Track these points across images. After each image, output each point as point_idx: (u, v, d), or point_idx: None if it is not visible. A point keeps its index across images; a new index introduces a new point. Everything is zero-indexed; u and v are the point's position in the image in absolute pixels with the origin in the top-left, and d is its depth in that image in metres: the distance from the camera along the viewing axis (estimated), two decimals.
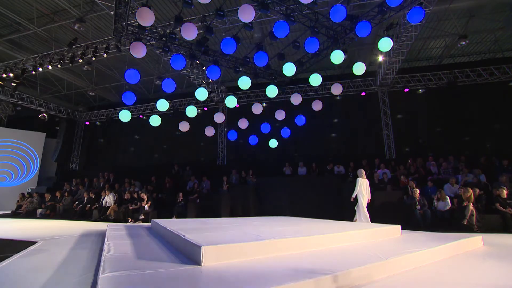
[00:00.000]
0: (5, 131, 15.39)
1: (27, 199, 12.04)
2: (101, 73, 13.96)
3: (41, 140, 16.15)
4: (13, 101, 14.42)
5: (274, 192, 10.03)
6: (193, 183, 11.24)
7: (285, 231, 4.64)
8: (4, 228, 7.43)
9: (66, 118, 16.80)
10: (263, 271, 2.86)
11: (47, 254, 4.27)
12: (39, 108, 15.20)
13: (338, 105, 13.15)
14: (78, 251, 4.53)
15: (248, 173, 11.32)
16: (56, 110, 16.12)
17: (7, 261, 3.76)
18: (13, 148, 15.27)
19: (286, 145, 11.70)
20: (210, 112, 13.73)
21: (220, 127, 14.28)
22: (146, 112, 15.61)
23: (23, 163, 15.48)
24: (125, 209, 9.92)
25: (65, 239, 5.66)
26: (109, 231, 5.64)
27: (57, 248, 4.71)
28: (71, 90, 15.25)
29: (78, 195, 12.28)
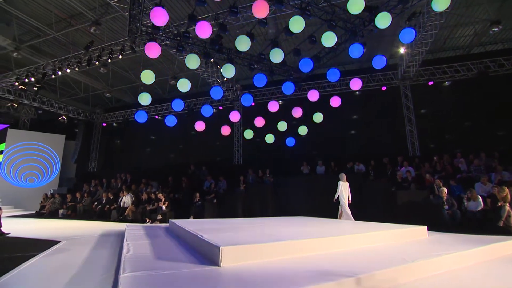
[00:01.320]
0: (28, 134, 16.21)
1: (50, 199, 12.64)
2: (116, 75, 14.39)
3: (61, 142, 16.86)
4: (35, 105, 15.16)
5: (292, 192, 9.98)
6: (210, 183, 11.38)
7: (305, 232, 4.63)
8: (30, 228, 7.94)
9: (84, 120, 17.45)
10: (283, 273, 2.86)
11: (70, 253, 4.55)
12: (59, 111, 15.88)
13: (358, 101, 12.88)
14: (99, 250, 4.77)
15: (265, 172, 11.31)
16: (75, 113, 16.79)
17: (33, 259, 4.02)
18: (37, 150, 16.04)
19: (304, 143, 11.59)
20: (225, 111, 13.81)
21: (236, 126, 14.36)
22: (162, 112, 15.93)
23: (46, 164, 16.23)
24: (142, 209, 10.17)
25: (86, 239, 6.01)
26: (128, 231, 5.85)
27: (79, 247, 4.99)
28: (88, 92, 15.82)
29: (97, 195, 12.73)
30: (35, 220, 10.60)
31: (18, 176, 15.40)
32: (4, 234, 5.36)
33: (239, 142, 14.36)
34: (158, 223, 9.34)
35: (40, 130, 16.67)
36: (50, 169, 16.27)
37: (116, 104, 17.79)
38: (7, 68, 12.85)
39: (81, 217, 11.36)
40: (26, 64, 12.36)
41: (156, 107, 16.07)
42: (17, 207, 14.23)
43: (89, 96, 16.43)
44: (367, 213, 8.08)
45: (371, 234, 4.33)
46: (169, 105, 15.31)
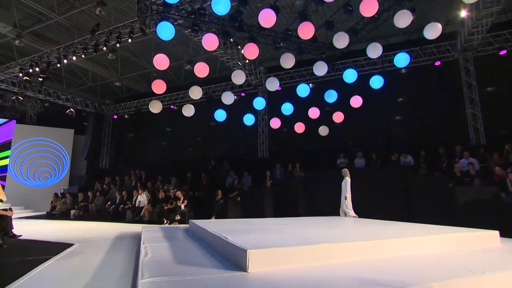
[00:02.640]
0: (35, 129, 17.16)
1: (60, 199, 13.46)
2: (126, 61, 14.79)
3: (70, 137, 17.72)
4: (41, 97, 16.02)
5: (327, 189, 9.80)
6: (233, 179, 11.53)
7: (342, 234, 4.59)
8: (42, 230, 8.50)
9: (93, 112, 18.22)
10: (319, 281, 2.84)
11: (84, 257, 4.83)
12: (66, 103, 16.68)
13: (405, 80, 12.34)
14: (114, 254, 5.03)
15: (295, 166, 11.28)
16: (83, 104, 17.55)
17: (47, 263, 4.32)
18: (45, 146, 17.00)
19: (340, 132, 11.36)
20: (248, 97, 13.89)
21: (260, 114, 14.37)
22: (178, 102, 16.25)
23: (57, 161, 17.18)
24: (159, 209, 10.54)
25: (100, 241, 6.38)
26: (145, 233, 6.11)
27: (94, 250, 5.30)
28: (96, 81, 16.44)
29: (110, 194, 13.35)
30: (46, 221, 11.38)
31: (30, 175, 16.47)
32: (15, 237, 5.76)
33: (264, 132, 14.36)
34: (177, 224, 9.66)
35: (47, 124, 17.60)
36: (60, 166, 17.21)
37: (127, 93, 18.36)
38: (9, 58, 13.61)
39: (93, 218, 12.01)
40: (30, 53, 12.99)
41: (171, 95, 16.40)
42: (28, 208, 15.25)
43: (98, 86, 17.07)
44: (413, 213, 7.83)
45: (427, 238, 4.15)
46: (185, 93, 15.54)
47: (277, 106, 10.01)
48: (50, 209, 13.45)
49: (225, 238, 3.91)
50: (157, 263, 3.61)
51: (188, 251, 4.47)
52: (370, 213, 7.91)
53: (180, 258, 3.92)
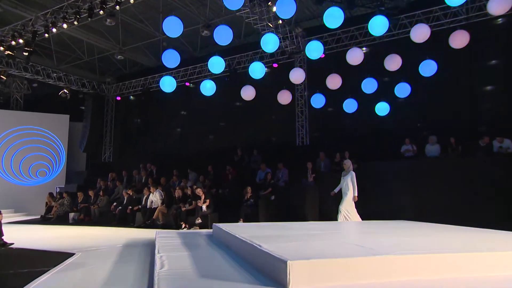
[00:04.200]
0: (23, 116, 17.82)
1: (57, 200, 14.00)
2: (129, 28, 15.02)
3: (65, 125, 18.36)
4: (27, 76, 16.59)
5: (387, 184, 9.79)
6: (265, 173, 11.57)
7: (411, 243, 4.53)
8: (36, 237, 8.87)
9: (91, 93, 18.78)
10: None
11: (87, 269, 5.02)
12: (58, 82, 17.21)
13: (497, 36, 11.56)
14: (123, 265, 5.19)
15: (344, 155, 11.07)
16: (79, 84, 18.07)
17: (44, 276, 4.49)
18: (35, 135, 17.71)
19: (404, 110, 10.95)
20: (282, 69, 13.66)
21: (298, 90, 14.18)
22: (194, 77, 16.38)
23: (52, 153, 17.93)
24: (176, 210, 10.76)
25: (106, 250, 6.56)
26: (160, 240, 6.23)
27: (98, 261, 5.48)
28: (93, 55, 16.85)
29: (115, 194, 13.78)
30: (41, 226, 11.88)
31: (23, 171, 17.33)
32: (6, 245, 6.07)
33: (304, 113, 14.19)
34: (198, 228, 9.83)
35: (37, 109, 18.28)
36: (54, 161, 17.98)
37: (132, 69, 18.72)
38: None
39: (97, 222, 12.46)
40: (11, 21, 13.25)
41: (185, 70, 16.54)
42: (18, 211, 16.00)
43: (96, 61, 17.50)
44: None
45: None
46: (203, 66, 15.60)
47: (320, 79, 9.85)
48: (45, 212, 14.05)
49: (258, 246, 3.93)
50: (176, 276, 3.67)
51: (212, 262, 4.53)
52: (448, 214, 7.66)
53: (204, 270, 3.99)
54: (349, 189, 8.44)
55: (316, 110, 10.57)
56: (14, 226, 11.42)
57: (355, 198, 8.39)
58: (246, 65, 14.39)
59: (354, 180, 8.46)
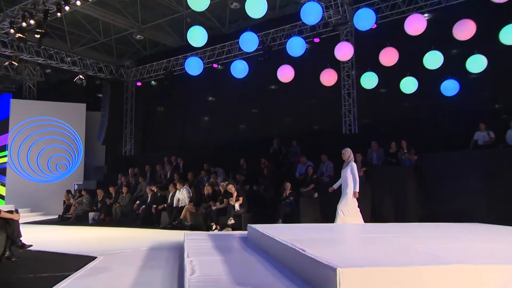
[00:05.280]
0: (36, 106, 18.58)
1: (76, 199, 14.52)
2: (148, 3, 15.16)
3: (82, 115, 18.96)
4: (40, 61, 17.19)
5: (454, 180, 9.44)
6: (306, 166, 11.50)
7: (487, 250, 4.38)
8: (55, 239, 9.28)
9: (109, 79, 19.21)
10: None
11: (111, 274, 5.21)
12: (73, 67, 17.71)
13: None
14: (149, 271, 5.32)
15: (401, 146, 10.90)
16: (95, 68, 18.53)
17: (66, 281, 4.63)
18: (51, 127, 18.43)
19: (478, 88, 10.46)
20: (326, 44, 13.44)
21: (345, 68, 13.92)
22: (222, 58, 16.38)
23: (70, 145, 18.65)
24: (205, 209, 10.86)
25: (130, 254, 6.78)
26: (188, 243, 6.34)
27: (122, 266, 5.69)
28: (110, 35, 17.23)
29: (138, 191, 14.09)
30: (60, 227, 12.45)
31: (41, 165, 18.15)
32: (25, 247, 6.27)
33: (351, 96, 13.93)
34: (230, 230, 9.89)
35: (51, 98, 18.94)
36: (72, 154, 18.64)
37: (153, 50, 18.98)
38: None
39: (118, 222, 12.82)
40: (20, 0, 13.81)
41: (213, 49, 16.57)
42: (35, 211, 16.77)
43: (113, 42, 17.89)
44: None
45: None
46: (233, 44, 15.61)
47: (371, 54, 9.58)
48: (63, 212, 14.62)
49: (301, 251, 3.90)
50: (208, 283, 3.71)
51: (248, 267, 4.59)
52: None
53: (239, 276, 4.02)
54: (349, 184, 8.18)
55: (367, 91, 10.28)
56: (31, 226, 11.92)
57: (355, 194, 8.08)
58: (282, 41, 14.23)
59: (355, 172, 8.20)
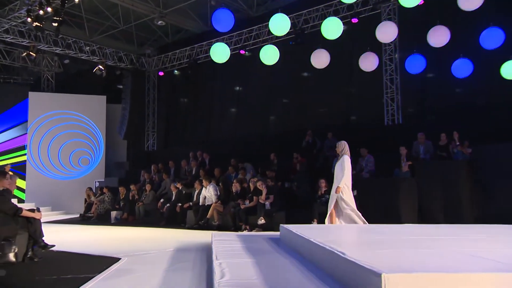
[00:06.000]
0: (55, 98, 19.02)
1: (98, 196, 14.81)
2: None
3: (102, 107, 19.33)
4: (58, 51, 17.61)
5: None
6: None
7: None
8: (78, 239, 9.56)
9: (130, 69, 19.47)
10: None
11: (136, 276, 5.32)
12: (92, 57, 18.03)
13: None
14: (176, 273, 5.42)
15: (453, 138, 10.61)
16: (115, 58, 18.81)
17: (89, 284, 4.75)
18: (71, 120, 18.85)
19: None
20: (365, 24, 13.22)
21: (387, 52, 13.64)
22: (250, 43, 16.32)
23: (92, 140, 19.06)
24: (234, 208, 10.85)
25: (155, 255, 6.91)
26: (217, 244, 6.35)
27: (147, 268, 5.80)
28: (130, 22, 17.36)
29: (162, 188, 14.20)
30: (81, 227, 12.86)
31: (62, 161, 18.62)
32: (47, 247, 6.45)
33: (394, 83, 13.66)
34: (261, 230, 9.87)
35: (69, 90, 19.33)
36: (94, 148, 19.03)
37: (176, 37, 19.07)
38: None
39: (142, 222, 13.05)
40: None
41: (239, 34, 16.52)
42: (55, 209, 17.22)
43: (133, 29, 18.04)
44: None
45: None
46: (262, 28, 15.50)
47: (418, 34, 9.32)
48: (85, 210, 14.95)
49: (340, 254, 3.81)
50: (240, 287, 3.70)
51: (282, 271, 4.57)
52: None
53: (273, 281, 4.01)
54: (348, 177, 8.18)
55: (412, 77, 10.02)
56: (52, 226, 12.25)
57: (338, 189, 7.98)
58: (316, 22, 14.00)
59: (345, 166, 8.08)
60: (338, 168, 8.24)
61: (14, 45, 17.74)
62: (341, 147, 8.41)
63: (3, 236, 5.46)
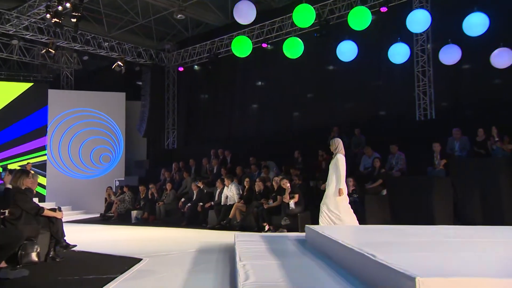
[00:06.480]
0: (75, 96, 19.39)
1: (118, 195, 15.02)
2: None
3: (121, 105, 19.56)
4: (77, 47, 17.93)
5: None
6: (372, 159, 11.31)
7: None
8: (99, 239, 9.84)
9: (149, 64, 19.65)
10: None
11: (158, 277, 5.42)
12: (111, 53, 18.29)
13: None
14: (198, 275, 5.51)
15: (491, 133, 10.34)
16: (134, 54, 19.03)
17: (111, 284, 4.86)
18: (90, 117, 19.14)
19: None
20: (395, 13, 12.99)
21: (419, 42, 13.40)
22: (273, 36, 16.24)
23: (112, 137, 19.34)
24: (257, 208, 10.85)
25: (176, 256, 7.05)
26: (240, 245, 6.38)
27: (169, 269, 5.91)
28: (149, 16, 17.47)
29: (183, 187, 14.33)
30: (102, 226, 13.15)
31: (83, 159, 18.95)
32: (69, 247, 6.62)
33: (427, 75, 13.39)
34: (285, 231, 9.87)
35: (88, 87, 19.66)
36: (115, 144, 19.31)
37: (196, 31, 19.13)
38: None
39: (163, 222, 13.20)
40: None
41: (261, 26, 16.44)
42: (76, 209, 17.53)
43: (152, 23, 18.15)
44: None
45: None
46: (285, 20, 15.38)
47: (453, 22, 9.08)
48: (105, 210, 15.21)
49: (371, 256, 3.76)
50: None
51: (309, 274, 4.58)
52: None
53: (299, 284, 4.01)
54: (333, 180, 7.88)
55: (446, 68, 9.82)
56: (73, 225, 12.44)
57: (340, 191, 7.69)
58: (343, 12, 13.80)
59: (339, 165, 7.79)
60: (332, 168, 8.03)
61: (33, 42, 18.10)
62: (335, 145, 8.21)
63: (26, 235, 5.53)
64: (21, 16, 15.48)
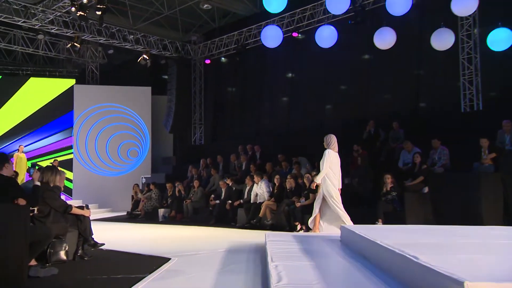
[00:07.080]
0: (100, 91, 19.66)
1: (145, 193, 15.18)
2: None
3: (147, 99, 19.74)
4: (102, 41, 18.16)
5: None
6: (412, 154, 11.08)
7: None
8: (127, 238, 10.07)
9: (175, 57, 19.74)
10: None
11: (187, 278, 5.50)
12: (136, 46, 18.44)
13: None
14: (228, 275, 5.58)
15: None
16: (160, 46, 19.15)
17: (140, 284, 4.96)
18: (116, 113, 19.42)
19: None
20: None
21: (464, 26, 13.03)
22: (304, 25, 16.06)
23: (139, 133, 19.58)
24: (288, 206, 10.79)
25: (205, 256, 7.19)
26: (271, 245, 6.33)
27: (198, 269, 6.02)
28: (174, 7, 17.50)
29: (211, 185, 14.36)
30: (129, 225, 13.40)
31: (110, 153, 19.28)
32: (97, 245, 6.81)
33: (473, 63, 13.05)
34: (318, 231, 9.68)
35: (114, 82, 19.93)
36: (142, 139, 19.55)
37: (223, 21, 19.11)
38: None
39: (190, 220, 13.29)
40: None
41: (292, 15, 16.30)
42: (102, 207, 17.85)
43: (177, 14, 18.19)
44: None
45: None
46: (317, 7, 15.21)
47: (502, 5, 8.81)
48: (132, 208, 15.41)
49: (413, 259, 3.72)
50: None
51: (345, 276, 4.67)
52: None
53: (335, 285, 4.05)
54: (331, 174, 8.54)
55: (495, 55, 9.53)
56: (100, 224, 12.68)
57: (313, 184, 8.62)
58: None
59: (324, 160, 8.52)
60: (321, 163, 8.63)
61: (58, 37, 18.41)
62: (327, 140, 8.82)
63: (54, 233, 5.65)
64: (46, 10, 15.70)
